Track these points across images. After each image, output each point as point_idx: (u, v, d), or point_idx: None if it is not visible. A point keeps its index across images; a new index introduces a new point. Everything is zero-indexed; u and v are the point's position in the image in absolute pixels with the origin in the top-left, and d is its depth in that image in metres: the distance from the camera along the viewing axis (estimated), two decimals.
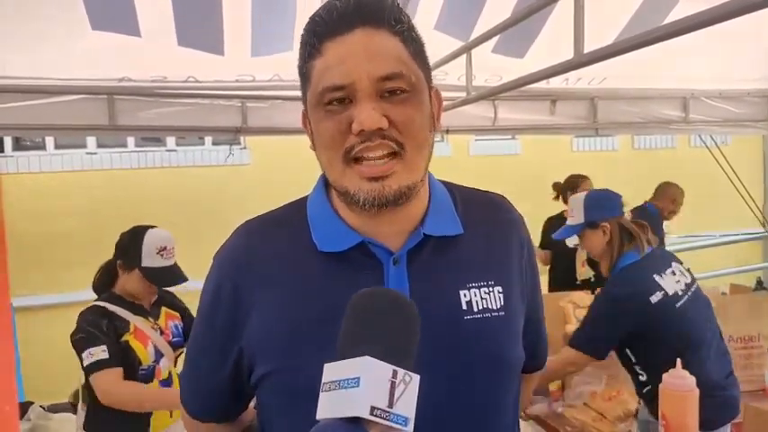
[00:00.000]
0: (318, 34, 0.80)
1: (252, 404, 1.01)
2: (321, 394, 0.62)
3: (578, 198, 2.31)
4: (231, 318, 0.88)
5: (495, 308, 0.87)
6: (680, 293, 2.09)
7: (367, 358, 0.60)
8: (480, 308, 0.86)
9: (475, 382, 0.84)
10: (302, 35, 0.84)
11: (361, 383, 0.59)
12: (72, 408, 2.45)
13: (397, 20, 0.81)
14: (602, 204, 2.25)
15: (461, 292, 0.86)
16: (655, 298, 2.04)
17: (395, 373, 0.60)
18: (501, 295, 0.88)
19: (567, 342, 2.20)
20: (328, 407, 0.61)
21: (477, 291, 0.87)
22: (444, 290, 0.86)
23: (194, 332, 0.98)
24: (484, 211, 0.96)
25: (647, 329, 2.04)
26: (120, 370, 2.02)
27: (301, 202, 0.94)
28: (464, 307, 0.85)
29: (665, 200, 4.36)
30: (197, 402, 1.00)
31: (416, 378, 0.62)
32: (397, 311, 0.66)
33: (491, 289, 0.88)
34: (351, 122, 0.78)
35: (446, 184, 0.97)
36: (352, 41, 0.78)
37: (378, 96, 0.78)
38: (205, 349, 0.95)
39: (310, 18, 0.83)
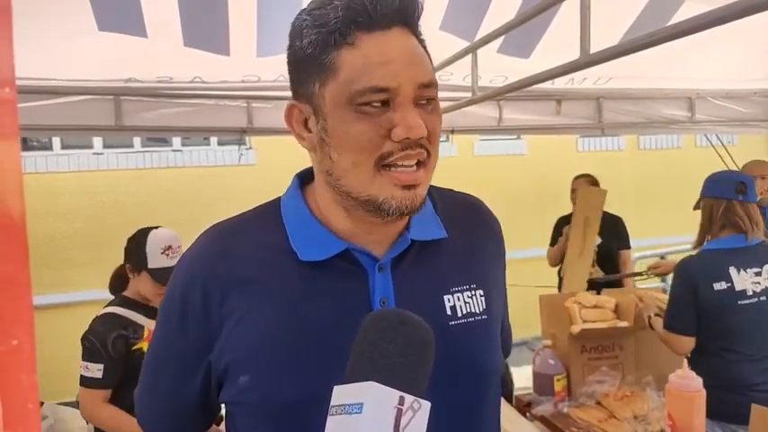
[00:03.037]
0: (356, 23, 0.73)
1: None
2: (328, 417, 0.60)
3: None
4: (201, 331, 0.82)
5: (477, 312, 0.86)
6: (750, 293, 2.19)
7: (372, 383, 0.58)
8: (464, 312, 0.85)
9: (461, 387, 0.83)
10: (323, 20, 0.74)
11: (365, 410, 0.57)
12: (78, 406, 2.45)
13: (419, 26, 0.80)
14: (712, 184, 2.39)
15: (445, 297, 0.85)
16: (718, 286, 2.18)
17: (402, 400, 0.58)
18: (483, 299, 0.88)
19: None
20: (333, 431, 0.60)
21: (460, 295, 0.86)
22: (429, 296, 0.84)
23: (155, 345, 0.91)
24: (463, 213, 0.95)
25: (705, 313, 2.20)
26: (106, 393, 2.04)
27: (275, 204, 0.89)
28: (448, 312, 0.84)
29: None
30: (158, 423, 0.93)
31: (426, 405, 0.59)
32: (410, 335, 0.64)
33: (473, 293, 0.87)
34: (390, 127, 0.74)
35: None
36: (392, 40, 0.74)
37: (415, 103, 0.75)
38: (168, 365, 0.88)
39: (344, 4, 0.74)
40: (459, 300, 0.85)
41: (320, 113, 0.78)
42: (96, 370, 2.02)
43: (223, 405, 0.88)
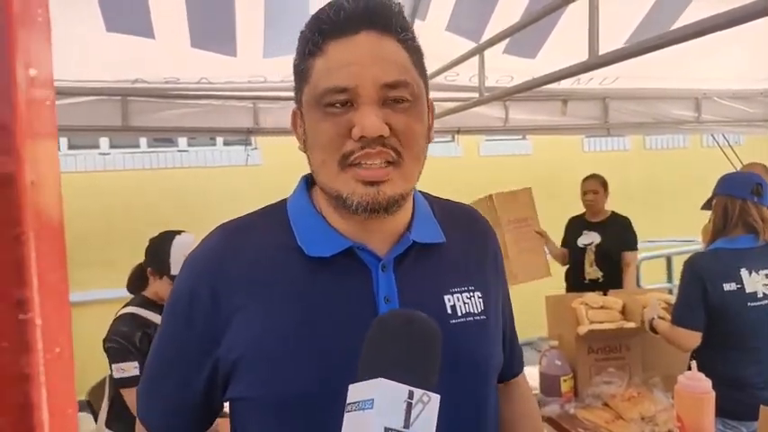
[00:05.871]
0: (323, 32, 0.78)
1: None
2: (345, 414, 0.63)
3: None
4: (208, 325, 0.82)
5: (476, 312, 0.89)
6: (761, 295, 2.17)
7: (380, 380, 0.61)
8: (463, 312, 0.88)
9: (462, 384, 0.84)
10: (303, 32, 0.82)
11: (375, 405, 0.60)
12: (88, 406, 2.46)
13: (403, 27, 0.80)
14: (726, 182, 2.35)
15: (445, 297, 0.87)
16: (728, 287, 2.15)
17: (411, 394, 0.61)
18: (481, 300, 0.90)
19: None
20: (349, 428, 0.62)
21: (459, 296, 0.88)
22: (430, 295, 0.87)
23: (160, 342, 0.91)
24: (460, 222, 0.97)
25: (714, 312, 2.17)
26: None
27: (280, 205, 0.92)
28: (449, 311, 0.87)
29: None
30: (161, 421, 0.92)
31: (436, 398, 0.62)
32: (418, 332, 0.67)
33: (472, 294, 0.90)
34: (350, 126, 0.76)
35: (423, 193, 0.97)
36: (357, 43, 0.77)
37: (380, 103, 0.77)
38: (174, 361, 0.88)
39: (314, 16, 0.81)
40: (458, 300, 0.88)
41: (302, 116, 0.84)
42: (132, 368, 2.03)
43: (227, 405, 0.88)
